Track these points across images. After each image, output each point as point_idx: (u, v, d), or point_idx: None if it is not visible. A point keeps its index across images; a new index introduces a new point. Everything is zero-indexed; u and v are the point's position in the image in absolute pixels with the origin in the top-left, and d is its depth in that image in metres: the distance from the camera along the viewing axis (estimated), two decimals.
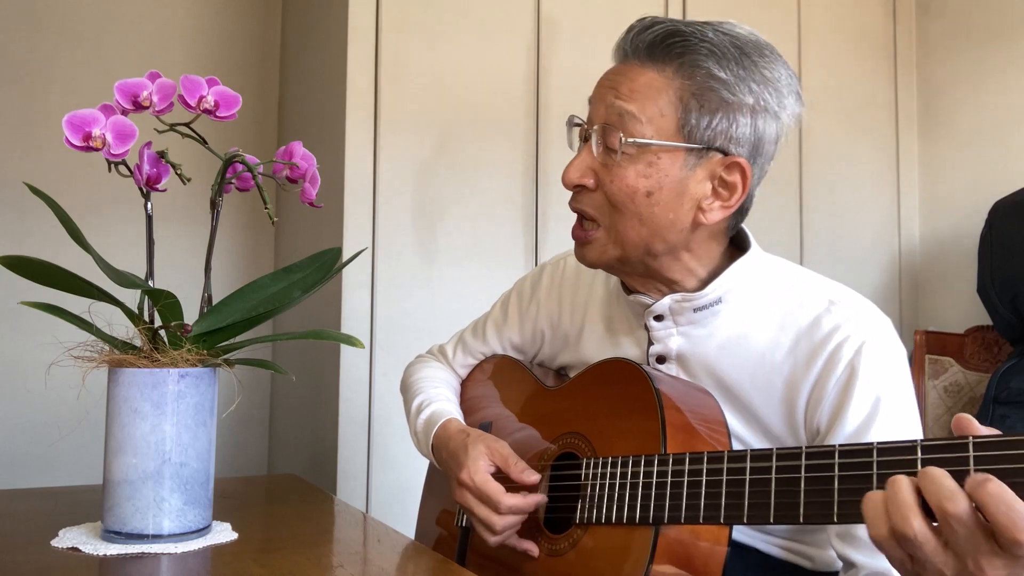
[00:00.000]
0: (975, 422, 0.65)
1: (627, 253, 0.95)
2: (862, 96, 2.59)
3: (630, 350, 1.05)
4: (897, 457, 0.68)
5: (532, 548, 0.98)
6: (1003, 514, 0.58)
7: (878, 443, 0.70)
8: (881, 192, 2.62)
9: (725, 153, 0.92)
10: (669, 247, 0.95)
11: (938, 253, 2.62)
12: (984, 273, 2.16)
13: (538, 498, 0.98)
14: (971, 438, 0.64)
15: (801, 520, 0.74)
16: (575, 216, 1.00)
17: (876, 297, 2.59)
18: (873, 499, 0.65)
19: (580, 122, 0.99)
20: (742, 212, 0.98)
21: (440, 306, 1.94)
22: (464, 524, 1.07)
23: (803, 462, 0.75)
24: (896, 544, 0.64)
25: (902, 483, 0.63)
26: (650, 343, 1.02)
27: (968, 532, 0.60)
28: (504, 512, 0.96)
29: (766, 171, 0.97)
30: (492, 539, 0.98)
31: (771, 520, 0.77)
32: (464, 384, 1.27)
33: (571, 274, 1.16)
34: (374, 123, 1.91)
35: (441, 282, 1.95)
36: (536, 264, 2.03)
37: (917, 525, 0.62)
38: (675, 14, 2.24)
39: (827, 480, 0.73)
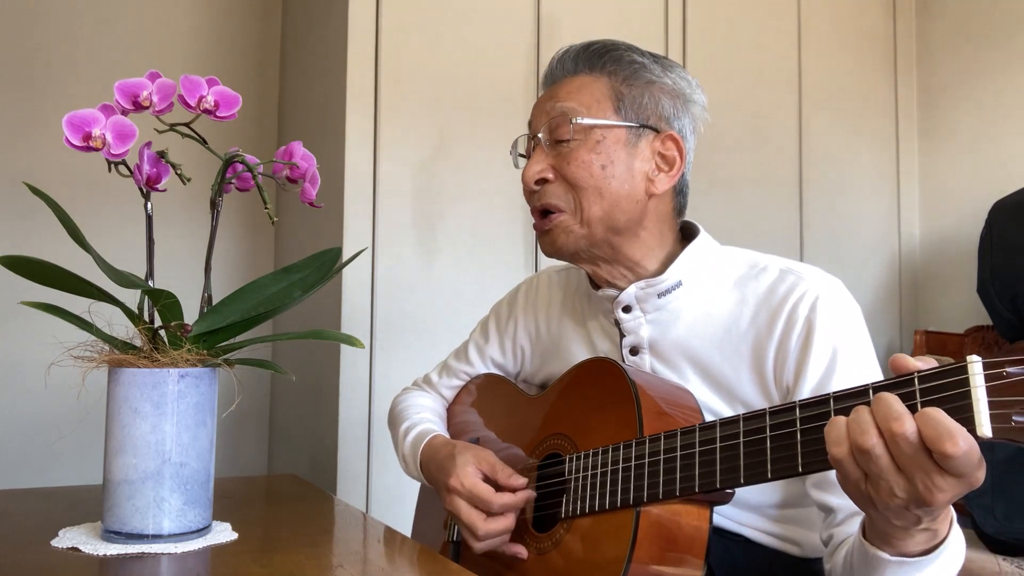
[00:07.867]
0: (910, 358, 0.70)
1: (592, 231, 1.02)
2: (862, 96, 2.59)
3: (603, 345, 1.10)
4: (853, 402, 0.73)
5: (520, 551, 1.00)
6: (931, 428, 0.64)
7: (834, 392, 0.75)
8: (881, 192, 2.62)
9: (657, 131, 1.03)
10: (628, 220, 1.03)
11: (938, 253, 2.62)
12: (984, 273, 2.16)
13: (527, 493, 1.01)
14: (916, 373, 0.69)
15: (770, 476, 0.78)
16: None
17: (876, 297, 2.59)
18: (836, 422, 0.71)
19: (521, 143, 1.12)
20: (682, 196, 1.08)
21: (440, 306, 1.94)
22: (455, 539, 1.09)
23: (767, 422, 0.80)
24: (854, 461, 0.69)
25: (863, 409, 0.70)
26: (622, 336, 1.06)
27: (913, 450, 0.66)
28: (497, 511, 0.99)
29: (691, 160, 1.07)
30: (478, 545, 1.00)
31: (742, 481, 0.81)
32: (451, 408, 1.31)
33: (544, 287, 1.23)
34: (374, 123, 1.91)
35: (441, 282, 1.95)
36: (536, 265, 2.03)
37: (875, 438, 0.67)
38: (675, 14, 2.25)
39: (790, 435, 0.77)
